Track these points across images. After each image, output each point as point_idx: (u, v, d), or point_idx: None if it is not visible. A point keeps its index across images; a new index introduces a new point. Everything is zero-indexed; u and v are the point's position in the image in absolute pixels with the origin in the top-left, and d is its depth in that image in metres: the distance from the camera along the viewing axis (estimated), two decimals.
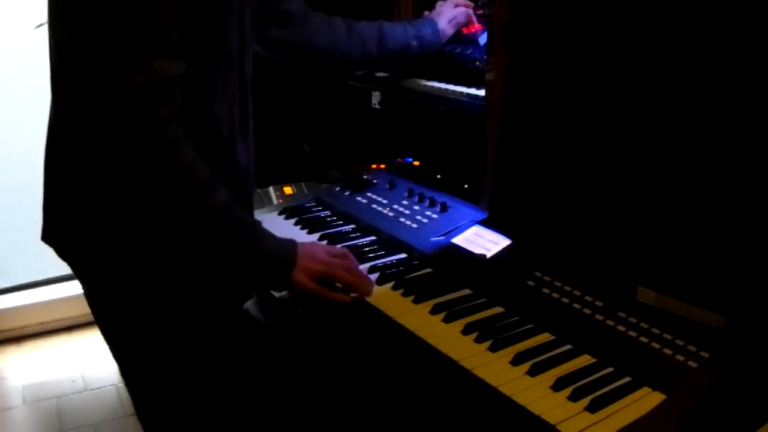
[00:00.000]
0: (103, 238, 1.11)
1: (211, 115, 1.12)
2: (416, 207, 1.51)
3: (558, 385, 0.95)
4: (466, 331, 1.09)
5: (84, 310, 1.21)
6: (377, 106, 1.91)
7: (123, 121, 0.96)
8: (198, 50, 1.06)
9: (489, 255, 1.28)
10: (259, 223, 1.15)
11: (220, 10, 1.08)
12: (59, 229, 1.16)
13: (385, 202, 1.56)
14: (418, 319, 1.14)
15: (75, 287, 1.24)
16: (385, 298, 1.20)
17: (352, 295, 1.20)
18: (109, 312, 1.19)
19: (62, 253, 1.18)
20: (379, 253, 1.36)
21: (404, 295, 1.21)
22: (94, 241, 1.12)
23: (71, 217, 1.13)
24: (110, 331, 1.22)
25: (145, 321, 1.17)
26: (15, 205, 1.32)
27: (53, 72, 1.09)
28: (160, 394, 1.22)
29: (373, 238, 1.45)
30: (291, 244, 1.17)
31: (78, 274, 1.20)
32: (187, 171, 1.03)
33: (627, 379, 0.97)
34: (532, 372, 0.99)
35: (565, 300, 1.12)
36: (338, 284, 1.19)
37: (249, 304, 1.59)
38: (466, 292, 1.22)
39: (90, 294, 1.20)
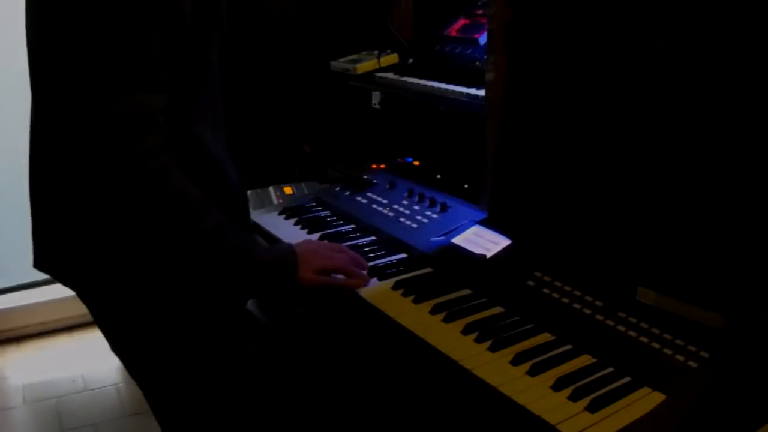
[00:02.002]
0: (101, 260, 1.10)
1: (197, 140, 1.11)
2: (416, 207, 1.51)
3: (558, 385, 0.95)
4: (466, 331, 1.09)
5: (84, 310, 1.20)
6: (377, 106, 1.91)
7: (109, 153, 0.96)
8: (183, 80, 1.06)
9: (489, 255, 1.28)
10: (254, 236, 1.15)
11: (204, 41, 1.09)
12: (54, 254, 1.15)
13: (385, 202, 1.56)
14: (418, 319, 1.14)
15: None
16: (385, 298, 1.20)
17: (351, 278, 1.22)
18: (115, 323, 1.19)
19: (60, 278, 1.17)
20: (379, 253, 1.36)
21: (404, 295, 1.21)
22: (92, 263, 1.11)
23: (66, 241, 1.12)
24: (117, 340, 1.21)
25: (152, 330, 1.16)
26: (15, 205, 1.32)
27: (35, 95, 1.08)
28: (168, 395, 1.23)
29: (373, 238, 1.45)
30: (288, 247, 1.19)
31: (78, 293, 1.19)
32: (179, 197, 1.03)
33: (627, 379, 0.96)
34: (532, 372, 0.98)
35: (565, 300, 1.12)
36: (341, 274, 1.21)
37: (250, 304, 1.59)
38: (466, 292, 1.22)
39: (93, 309, 1.20)
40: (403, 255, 1.37)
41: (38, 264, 1.17)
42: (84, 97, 0.94)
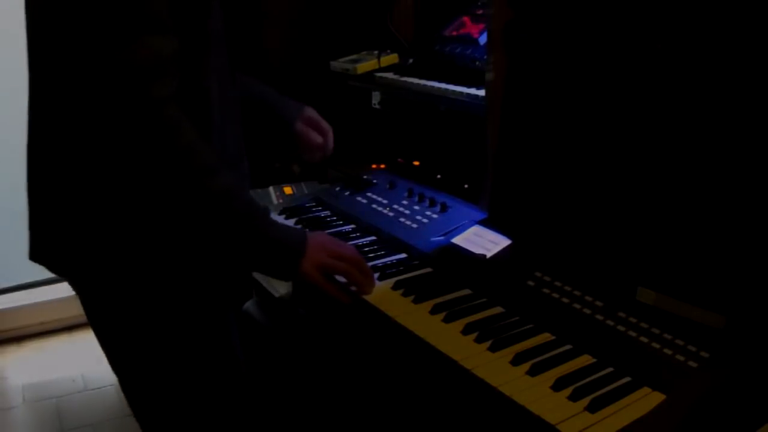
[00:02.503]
0: (98, 248, 1.09)
1: (206, 96, 1.08)
2: (416, 207, 1.51)
3: (558, 385, 0.95)
4: (466, 331, 1.09)
5: None
6: (377, 106, 1.91)
7: (122, 100, 0.94)
8: (188, 30, 1.04)
9: (489, 255, 1.28)
10: (267, 210, 1.13)
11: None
12: (50, 245, 1.14)
13: (385, 202, 1.56)
14: (418, 318, 1.14)
15: None
16: (385, 298, 1.20)
17: (353, 288, 1.20)
18: (107, 319, 1.18)
19: (55, 269, 1.16)
20: (379, 253, 1.36)
21: (404, 295, 1.21)
22: (88, 254, 1.10)
23: (62, 231, 1.10)
24: (108, 337, 1.20)
25: (143, 327, 1.15)
26: (15, 205, 1.32)
27: (35, 63, 1.06)
28: (158, 397, 1.21)
29: (373, 238, 1.45)
30: (301, 232, 1.17)
31: (74, 285, 1.18)
32: (191, 153, 1.00)
33: (627, 379, 0.97)
34: (532, 372, 0.99)
35: (565, 300, 1.12)
36: (342, 278, 1.19)
37: (249, 304, 1.59)
38: (466, 292, 1.22)
39: (86, 303, 1.19)
40: (403, 255, 1.37)
41: (34, 255, 1.16)
42: (92, 44, 0.92)
